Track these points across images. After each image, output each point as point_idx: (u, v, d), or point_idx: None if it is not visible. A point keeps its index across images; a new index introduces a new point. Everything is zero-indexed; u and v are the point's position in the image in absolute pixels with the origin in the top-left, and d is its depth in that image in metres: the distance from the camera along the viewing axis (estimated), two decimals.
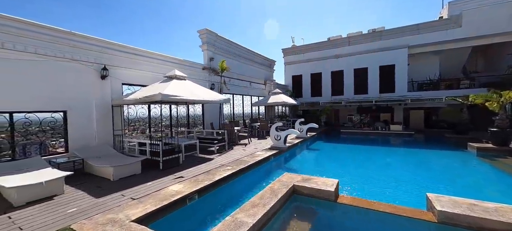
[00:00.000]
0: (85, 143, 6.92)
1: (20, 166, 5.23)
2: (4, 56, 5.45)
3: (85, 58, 6.96)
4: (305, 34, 74.94)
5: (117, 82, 7.88)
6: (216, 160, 7.35)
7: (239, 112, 15.65)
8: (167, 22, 52.38)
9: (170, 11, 48.56)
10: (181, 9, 49.28)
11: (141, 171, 6.00)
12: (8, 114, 5.58)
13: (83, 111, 6.92)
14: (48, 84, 6.20)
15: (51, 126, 6.38)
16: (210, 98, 7.95)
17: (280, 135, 9.29)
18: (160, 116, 9.64)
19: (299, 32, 64.01)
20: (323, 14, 56.83)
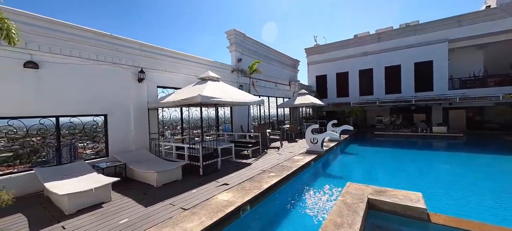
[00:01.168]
0: (124, 147, 6.85)
1: (66, 171, 5.18)
2: (52, 60, 5.48)
3: (123, 61, 6.92)
4: (323, 33, 73.27)
5: (152, 85, 7.79)
6: (254, 165, 6.94)
7: (265, 114, 15.23)
8: (182, 28, 53.67)
9: (185, 17, 49.65)
10: (199, 14, 50.23)
11: (182, 177, 5.75)
12: (54, 118, 5.59)
13: (122, 115, 6.87)
14: (90, 88, 6.19)
15: (93, 129, 6.36)
16: (246, 99, 7.61)
17: (317, 138, 8.70)
18: (192, 118, 9.49)
19: (315, 32, 62.64)
20: (339, 13, 55.07)
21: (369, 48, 18.62)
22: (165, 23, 47.31)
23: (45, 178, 4.66)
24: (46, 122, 5.49)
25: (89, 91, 6.15)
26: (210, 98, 6.12)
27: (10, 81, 4.90)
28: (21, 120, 5.10)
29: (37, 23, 5.22)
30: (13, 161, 5.19)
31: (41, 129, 5.45)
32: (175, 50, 8.45)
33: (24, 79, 5.08)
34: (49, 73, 5.45)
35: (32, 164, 5.34)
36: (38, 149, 5.69)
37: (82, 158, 6.12)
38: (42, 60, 5.33)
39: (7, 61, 4.85)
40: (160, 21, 45.61)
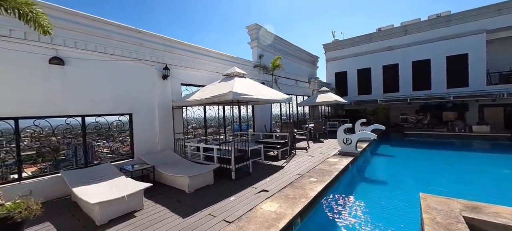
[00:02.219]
0: (149, 147, 6.49)
1: (93, 174, 4.84)
2: (77, 56, 5.16)
3: (148, 57, 6.55)
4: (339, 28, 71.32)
5: (177, 82, 7.39)
6: (287, 168, 6.36)
7: (285, 112, 14.60)
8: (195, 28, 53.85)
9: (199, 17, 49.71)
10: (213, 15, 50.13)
11: (213, 181, 5.27)
12: (80, 118, 5.28)
13: (147, 114, 6.50)
14: (116, 86, 5.84)
15: (118, 130, 6.03)
16: (275, 97, 7.04)
17: (350, 138, 7.99)
18: (215, 117, 9.04)
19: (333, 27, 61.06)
20: (357, 6, 53.10)
21: (394, 42, 17.49)
22: (168, 20, 47.57)
23: (73, 182, 4.33)
24: (70, 121, 5.18)
25: (114, 89, 5.81)
26: (242, 95, 5.60)
27: (36, 78, 4.60)
28: (47, 119, 4.80)
29: (63, 15, 4.89)
30: (40, 164, 4.93)
31: (68, 129, 5.15)
32: (198, 45, 8.01)
33: (50, 77, 4.78)
34: (75, 70, 5.13)
35: (56, 165, 5.06)
36: (65, 151, 5.43)
37: (108, 160, 5.81)
38: (67, 56, 5.01)
39: (32, 57, 4.55)
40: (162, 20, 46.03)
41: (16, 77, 4.36)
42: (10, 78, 4.29)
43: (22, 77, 4.42)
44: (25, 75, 4.46)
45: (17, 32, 4.32)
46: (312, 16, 49.50)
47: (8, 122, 4.31)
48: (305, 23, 51.98)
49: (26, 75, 4.47)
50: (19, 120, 4.45)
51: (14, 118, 4.37)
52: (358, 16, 49.98)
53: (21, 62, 4.41)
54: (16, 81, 4.36)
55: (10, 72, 4.29)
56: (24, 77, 4.45)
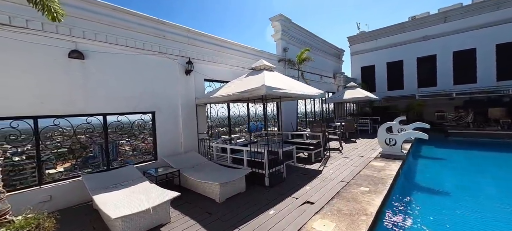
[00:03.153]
0: (172, 148, 6.00)
1: (115, 178, 4.39)
2: (97, 49, 4.74)
3: (171, 51, 6.04)
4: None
5: (200, 77, 6.84)
6: (326, 173, 5.54)
7: (309, 110, 13.66)
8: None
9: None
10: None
11: (245, 188, 4.62)
12: (101, 117, 4.88)
13: (170, 112, 6.01)
14: (138, 82, 5.39)
15: (141, 129, 5.59)
16: (309, 92, 6.24)
17: (395, 139, 6.95)
18: (239, 114, 8.42)
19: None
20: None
21: (431, 31, 15.74)
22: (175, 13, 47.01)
23: (94, 188, 3.88)
24: (91, 120, 4.78)
25: (136, 85, 5.36)
26: (275, 89, 4.89)
27: (55, 74, 4.22)
28: (67, 119, 4.42)
29: (81, 4, 4.47)
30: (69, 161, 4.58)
31: (89, 129, 4.77)
32: (222, 37, 7.40)
33: (69, 72, 4.39)
34: (95, 65, 4.72)
35: (84, 162, 4.71)
36: (87, 153, 5.07)
37: (130, 162, 5.39)
38: (87, 49, 4.60)
39: (51, 51, 4.17)
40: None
41: (35, 73, 4.00)
42: (28, 74, 3.93)
43: (40, 72, 4.06)
44: (43, 71, 4.09)
45: (34, 23, 3.94)
46: (326, 10, 46.99)
47: (26, 122, 3.95)
48: (319, 16, 49.58)
49: (44, 70, 4.10)
50: (38, 120, 4.09)
51: (33, 117, 4.02)
52: (377, 9, 46.83)
53: (39, 56, 4.04)
54: (34, 78, 3.99)
55: (28, 67, 3.93)
56: (42, 72, 4.08)
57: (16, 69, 3.81)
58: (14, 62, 3.80)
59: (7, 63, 3.73)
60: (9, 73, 3.75)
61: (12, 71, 3.78)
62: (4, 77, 3.70)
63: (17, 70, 3.82)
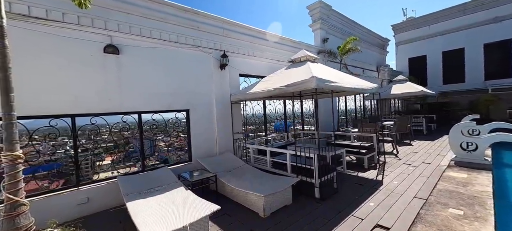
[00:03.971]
0: (207, 149, 5.57)
1: (150, 181, 4.06)
2: (131, 43, 4.46)
3: (205, 44, 5.59)
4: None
5: (235, 73, 6.30)
6: (389, 184, 4.51)
7: (349, 107, 12.30)
8: None
9: None
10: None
11: (292, 200, 3.89)
12: (136, 115, 4.62)
13: (204, 110, 5.59)
14: (172, 78, 5.05)
15: (175, 128, 5.26)
16: (362, 86, 5.25)
17: (476, 143, 5.50)
18: (275, 112, 7.71)
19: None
20: None
21: (503, 11, 12.95)
22: None
23: (128, 193, 3.56)
24: (126, 119, 4.55)
25: (170, 81, 5.02)
26: (326, 82, 4.05)
27: (91, 70, 4.02)
28: (103, 117, 4.23)
29: None
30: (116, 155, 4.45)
31: (124, 127, 4.55)
32: (258, 28, 6.75)
33: (105, 68, 4.17)
34: (129, 60, 4.46)
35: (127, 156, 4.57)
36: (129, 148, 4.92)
37: (164, 156, 5.10)
38: (121, 43, 4.34)
39: (87, 46, 3.97)
40: None
41: (71, 70, 3.83)
42: (65, 71, 3.77)
43: (77, 69, 3.88)
44: (80, 67, 3.91)
45: (70, 16, 3.76)
46: None
47: (64, 120, 3.81)
48: (358, 4, 44.49)
49: (81, 67, 3.92)
50: (75, 118, 3.93)
51: (71, 116, 3.86)
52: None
53: (75, 52, 3.86)
54: (71, 75, 3.82)
55: (64, 64, 3.77)
56: (79, 69, 3.90)
57: (53, 66, 3.66)
58: (52, 60, 3.65)
59: (45, 61, 3.60)
60: (47, 71, 3.61)
61: (50, 69, 3.64)
62: (42, 75, 3.57)
63: (54, 67, 3.67)
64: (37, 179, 3.72)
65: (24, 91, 3.42)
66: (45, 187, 3.80)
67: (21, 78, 3.39)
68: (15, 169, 1.88)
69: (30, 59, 3.48)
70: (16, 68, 3.45)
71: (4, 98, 1.89)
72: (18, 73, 3.38)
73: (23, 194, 1.93)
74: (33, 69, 3.50)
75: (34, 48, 3.51)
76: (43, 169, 3.84)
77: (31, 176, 3.62)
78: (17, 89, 3.47)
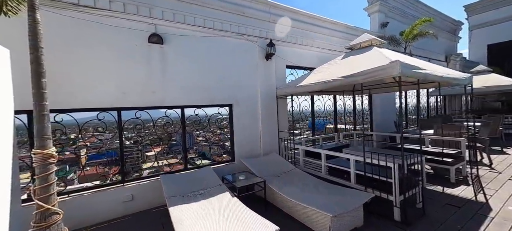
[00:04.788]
0: (250, 149, 5.04)
1: (193, 182, 3.69)
2: (175, 31, 4.15)
3: (250, 31, 5.03)
4: None
5: (281, 64, 5.61)
6: (501, 210, 3.25)
7: (410, 103, 10.41)
8: None
9: None
10: None
11: (363, 221, 3.04)
12: (179, 109, 4.32)
13: (248, 104, 5.05)
14: (215, 69, 4.62)
15: (218, 124, 4.85)
16: (455, 75, 4.02)
17: None
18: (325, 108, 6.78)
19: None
20: None
21: None
22: None
23: (171, 196, 3.22)
24: (167, 113, 4.28)
25: (213, 73, 4.60)
26: (414, 68, 3.05)
27: (137, 62, 3.82)
28: (147, 111, 4.02)
29: None
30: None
31: (168, 122, 4.30)
32: (309, 12, 5.90)
33: (149, 59, 3.93)
34: (172, 50, 4.15)
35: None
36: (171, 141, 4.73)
37: (204, 156, 4.76)
38: (165, 32, 4.06)
39: (132, 35, 3.77)
40: None
41: (117, 62, 3.66)
42: (111, 63, 3.61)
43: (122, 61, 3.70)
44: (125, 59, 3.72)
45: (116, 4, 3.57)
46: None
47: (111, 113, 3.68)
48: None
49: (126, 58, 3.73)
50: (121, 111, 3.78)
51: (117, 109, 3.72)
52: None
53: (121, 43, 3.68)
54: (117, 66, 3.66)
55: (111, 56, 3.61)
56: (124, 60, 3.71)
57: (100, 58, 3.53)
58: (99, 51, 3.52)
59: (93, 52, 3.47)
60: (95, 63, 3.48)
61: (97, 61, 3.51)
62: (90, 66, 3.46)
63: (101, 59, 3.53)
64: (99, 164, 3.81)
65: (75, 83, 3.35)
66: (106, 172, 3.90)
67: (71, 69, 3.32)
68: (47, 170, 1.56)
69: (79, 50, 3.38)
70: (67, 60, 3.30)
71: (35, 84, 1.58)
72: (68, 64, 3.34)
73: (56, 201, 1.61)
74: (82, 61, 3.40)
75: (83, 39, 3.40)
76: (102, 157, 3.94)
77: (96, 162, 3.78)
78: (68, 81, 3.36)
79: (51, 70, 3.17)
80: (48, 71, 3.09)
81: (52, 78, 3.15)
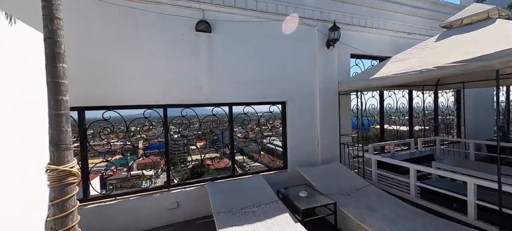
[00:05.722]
0: (305, 154, 4.22)
1: (243, 194, 3.10)
2: (223, 17, 3.60)
3: (309, 13, 4.16)
4: None
5: (345, 52, 4.59)
6: None
7: None
8: None
9: None
10: None
11: None
12: (227, 107, 3.79)
13: (303, 102, 4.22)
14: (267, 60, 3.93)
15: (270, 124, 4.17)
16: None
17: None
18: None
19: None
20: None
21: None
22: None
23: (219, 212, 2.67)
24: (214, 111, 3.77)
25: (265, 65, 3.92)
26: None
27: (183, 53, 3.40)
28: (192, 108, 3.59)
29: None
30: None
31: (215, 121, 3.82)
32: None
33: (196, 50, 3.48)
34: (221, 40, 3.62)
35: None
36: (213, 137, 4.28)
37: (243, 153, 4.12)
38: (214, 18, 3.53)
39: (178, 23, 3.34)
40: None
41: (162, 54, 3.29)
42: (156, 56, 3.25)
43: (168, 53, 3.31)
44: (171, 50, 3.33)
45: None
46: None
47: (156, 111, 3.34)
48: None
49: (172, 49, 3.33)
50: (167, 109, 3.43)
51: (163, 106, 3.37)
52: None
53: (166, 32, 3.30)
54: (162, 59, 3.28)
55: (155, 47, 3.25)
56: (170, 52, 3.32)
57: (145, 50, 3.19)
58: (143, 43, 3.19)
59: (138, 44, 3.16)
60: (139, 57, 3.16)
61: (142, 54, 3.18)
62: (135, 60, 3.15)
63: (146, 52, 3.20)
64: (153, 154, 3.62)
65: (123, 78, 3.09)
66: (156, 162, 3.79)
67: (117, 62, 3.06)
68: (65, 194, 1.10)
69: (125, 43, 3.10)
70: (112, 52, 2.93)
71: (50, 70, 1.11)
72: (113, 57, 3.04)
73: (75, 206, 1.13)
74: (128, 53, 3.11)
75: (130, 28, 3.11)
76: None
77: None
78: (116, 76, 2.96)
79: (94, 63, 2.99)
80: (91, 63, 2.99)
81: (97, 73, 2.96)
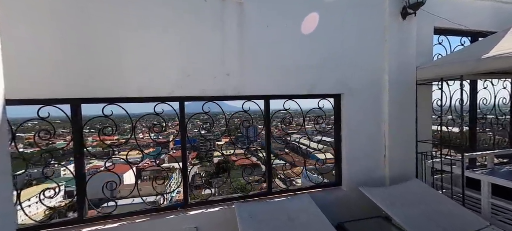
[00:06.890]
0: (367, 167, 3.08)
1: (285, 223, 2.14)
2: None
3: None
4: None
5: (427, 25, 3.27)
6: None
7: None
8: None
9: None
10: None
11: None
12: (262, 100, 2.83)
13: (366, 95, 3.07)
14: (317, 40, 2.85)
15: (319, 126, 3.09)
16: None
17: None
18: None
19: None
20: None
21: None
22: None
23: None
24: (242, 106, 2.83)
25: (315, 44, 2.85)
26: None
27: (204, 29, 2.50)
28: (217, 102, 2.71)
29: None
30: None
31: (246, 119, 2.89)
32: None
33: (223, 24, 2.55)
34: (255, 11, 2.64)
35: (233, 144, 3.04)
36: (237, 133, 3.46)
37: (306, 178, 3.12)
38: None
39: None
40: None
41: (177, 30, 2.43)
42: (169, 34, 2.41)
43: (184, 29, 2.45)
44: (188, 25, 2.45)
45: None
46: None
47: (170, 104, 2.52)
48: None
49: (189, 24, 2.45)
50: (185, 102, 2.60)
51: (179, 99, 2.54)
52: None
53: (181, 2, 2.43)
54: (176, 38, 2.43)
55: (168, 21, 2.40)
56: (187, 28, 2.45)
57: (155, 25, 2.36)
58: (153, 16, 2.35)
59: (146, 17, 2.33)
60: (148, 34, 2.34)
61: (151, 31, 2.35)
62: (142, 39, 2.33)
63: (156, 27, 2.36)
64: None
65: (128, 62, 2.31)
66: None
67: (123, 44, 2.29)
68: None
69: (131, 14, 2.30)
70: (115, 30, 2.21)
71: None
72: (116, 35, 2.19)
73: None
74: (134, 29, 2.31)
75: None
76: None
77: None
78: (118, 60, 2.22)
79: (90, 44, 2.23)
80: (86, 44, 2.08)
81: (94, 56, 2.20)
